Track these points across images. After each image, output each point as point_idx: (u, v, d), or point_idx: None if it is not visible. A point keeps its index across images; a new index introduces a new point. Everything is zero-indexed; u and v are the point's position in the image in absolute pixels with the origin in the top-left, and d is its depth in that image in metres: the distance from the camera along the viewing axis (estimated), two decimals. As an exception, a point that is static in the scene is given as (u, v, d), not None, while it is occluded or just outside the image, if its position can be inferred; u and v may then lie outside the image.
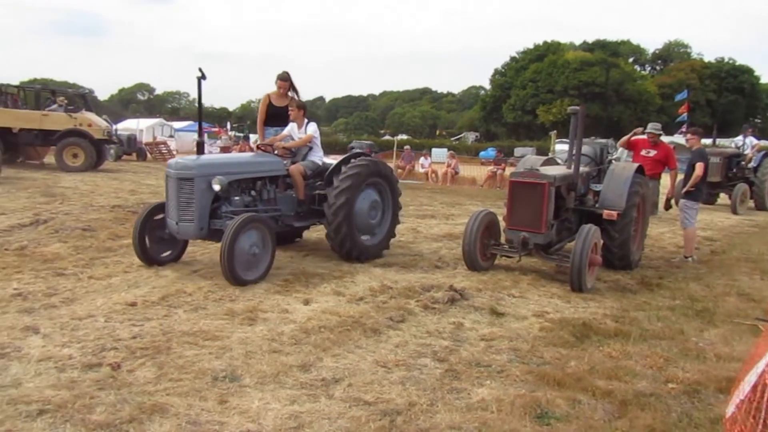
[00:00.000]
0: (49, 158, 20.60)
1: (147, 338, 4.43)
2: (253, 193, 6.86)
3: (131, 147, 27.22)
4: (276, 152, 7.23)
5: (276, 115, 7.98)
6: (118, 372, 3.82)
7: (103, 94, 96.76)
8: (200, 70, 6.81)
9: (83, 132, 18.69)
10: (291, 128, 7.54)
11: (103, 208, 10.81)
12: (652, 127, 9.35)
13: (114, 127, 22.19)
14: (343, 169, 7.19)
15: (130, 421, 3.19)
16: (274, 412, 3.37)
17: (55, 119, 18.59)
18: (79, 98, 20.67)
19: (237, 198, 6.62)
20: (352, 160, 7.35)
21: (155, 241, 6.71)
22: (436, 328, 5.00)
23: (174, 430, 3.13)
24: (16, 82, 21.30)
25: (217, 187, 6.22)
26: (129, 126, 38.21)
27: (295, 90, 8.13)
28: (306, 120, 7.51)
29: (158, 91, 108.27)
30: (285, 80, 8.01)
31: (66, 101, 19.63)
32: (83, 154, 18.66)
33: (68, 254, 7.07)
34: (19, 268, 6.32)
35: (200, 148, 7.23)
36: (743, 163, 16.27)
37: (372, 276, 6.70)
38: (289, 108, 7.57)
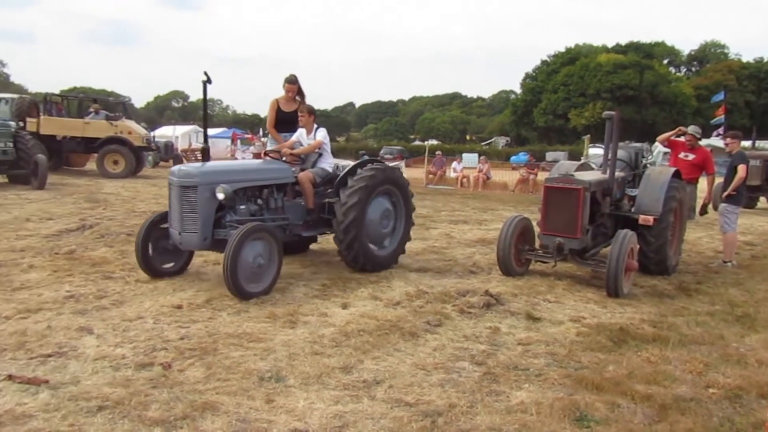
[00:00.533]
0: (90, 164, 21.26)
1: (194, 339, 4.61)
2: (259, 201, 6.58)
3: (168, 154, 27.85)
4: (284, 159, 6.95)
5: (285, 121, 7.72)
6: (169, 371, 3.99)
7: (139, 102, 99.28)
8: (205, 73, 6.70)
9: (124, 139, 19.26)
10: (300, 134, 7.30)
11: (144, 213, 11.13)
12: (693, 129, 9.22)
13: (152, 134, 22.77)
14: (350, 182, 6.82)
15: (183, 418, 3.34)
16: (319, 412, 3.49)
17: (97, 127, 19.20)
18: (119, 106, 21.31)
19: (242, 207, 6.35)
20: (359, 170, 6.95)
21: (159, 252, 6.46)
22: (472, 332, 5.07)
23: (225, 427, 3.28)
24: (56, 91, 22.07)
25: (221, 196, 5.97)
26: (165, 133, 39.07)
27: (302, 94, 7.85)
28: (316, 125, 7.25)
29: (192, 98, 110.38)
30: (293, 83, 7.70)
31: (100, 108, 20.27)
32: (123, 161, 19.21)
33: (115, 258, 7.34)
34: (69, 271, 6.60)
35: (205, 155, 7.10)
36: (786, 166, 15.90)
37: (408, 281, 6.80)
38: (299, 113, 7.31)
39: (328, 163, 7.28)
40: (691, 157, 9.10)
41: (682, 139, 9.27)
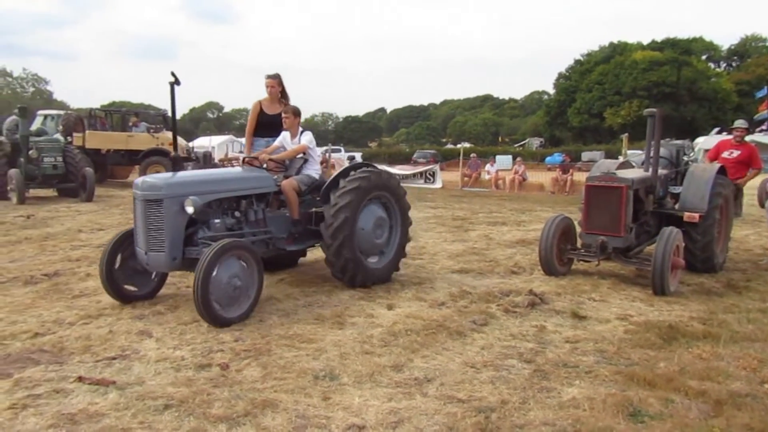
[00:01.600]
0: (133, 176, 21.92)
1: (248, 341, 4.76)
2: (237, 214, 5.95)
3: (207, 163, 28.44)
4: (265, 166, 6.36)
5: (268, 125, 7.10)
6: (227, 371, 4.14)
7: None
8: (173, 74, 6.42)
9: (165, 151, 19.81)
10: (283, 138, 6.71)
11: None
12: (740, 123, 9.03)
13: (191, 144, 23.36)
14: (342, 183, 6.29)
15: (245, 415, 3.48)
16: (374, 408, 3.59)
17: (140, 139, 19.82)
18: (159, 119, 21.93)
19: (217, 221, 5.72)
20: (351, 173, 6.43)
21: (128, 275, 5.81)
22: (519, 331, 5.10)
23: (286, 423, 3.40)
24: (97, 106, 22.86)
25: (190, 210, 5.35)
26: (202, 143, 39.99)
27: (286, 96, 7.30)
28: (301, 129, 6.66)
29: (227, 109, 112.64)
30: (275, 78, 7.13)
31: (139, 121, 20.90)
32: (164, 171, 19.75)
33: (165, 265, 7.57)
34: (124, 278, 6.84)
35: (176, 164, 6.72)
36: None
37: (450, 282, 6.86)
38: (283, 114, 6.66)
39: (315, 169, 6.69)
40: (735, 153, 8.90)
41: (728, 137, 9.11)
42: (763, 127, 31.36)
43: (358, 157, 42.77)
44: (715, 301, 6.21)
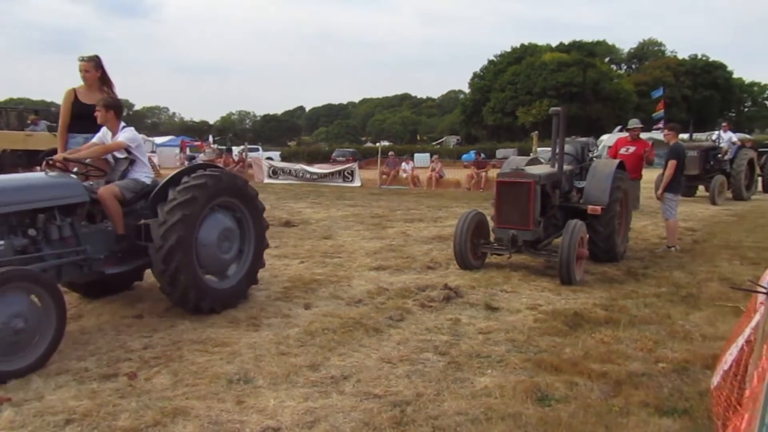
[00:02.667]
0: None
1: (158, 348, 4.58)
2: (32, 231, 4.67)
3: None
4: (75, 169, 5.25)
5: (86, 117, 5.82)
6: (135, 381, 3.97)
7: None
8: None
9: (69, 151, 18.69)
10: (103, 134, 5.60)
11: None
12: (633, 123, 9.59)
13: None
14: (171, 194, 5.15)
15: (155, 425, 3.34)
16: (290, 409, 3.55)
17: (39, 139, 18.58)
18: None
19: (1, 242, 4.43)
20: (185, 178, 5.28)
21: None
22: (434, 325, 5.20)
23: (198, 430, 3.30)
24: (-7, 103, 21.29)
25: None
26: (111, 144, 37.98)
27: (108, 83, 6.20)
28: (122, 124, 5.57)
29: (137, 107, 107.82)
30: (90, 61, 6.00)
31: (39, 119, 19.63)
32: (69, 174, 18.66)
33: (68, 272, 7.16)
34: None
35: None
36: (720, 155, 16.77)
37: (367, 279, 6.89)
38: (96, 106, 5.51)
39: (144, 173, 5.59)
40: (632, 149, 9.48)
41: (624, 135, 9.66)
42: (660, 126, 33.57)
43: (275, 156, 42.16)
44: (617, 288, 6.60)
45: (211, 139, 48.40)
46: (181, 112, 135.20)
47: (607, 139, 22.85)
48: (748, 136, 31.20)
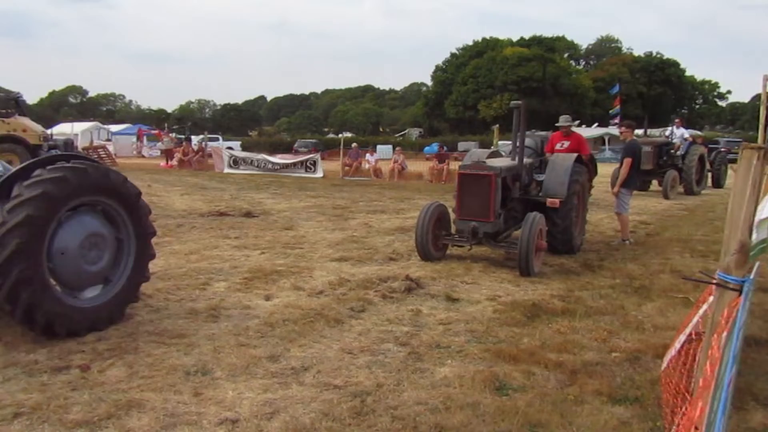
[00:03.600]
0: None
1: (112, 340, 4.46)
2: None
3: (68, 151, 26.31)
4: None
5: None
6: (88, 373, 3.86)
7: (31, 98, 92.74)
8: None
9: (18, 137, 17.98)
10: None
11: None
12: (564, 120, 9.49)
13: (50, 131, 21.42)
14: (17, 189, 4.29)
15: (108, 418, 3.26)
16: (249, 401, 3.51)
17: (-15, 125, 17.80)
18: (10, 102, 19.86)
19: None
20: (39, 171, 4.38)
21: None
22: (395, 316, 5.22)
23: (153, 422, 3.23)
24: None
25: None
26: (63, 130, 36.80)
27: None
28: None
29: (91, 94, 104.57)
30: None
31: None
32: (18, 161, 17.91)
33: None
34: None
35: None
36: (672, 151, 17.29)
37: (329, 270, 6.87)
38: None
39: None
40: (566, 144, 9.37)
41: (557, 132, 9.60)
42: (617, 121, 34.39)
43: (236, 146, 41.52)
44: (573, 279, 6.74)
45: (166, 126, 47.26)
46: (138, 100, 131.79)
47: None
48: (699, 132, 32.29)
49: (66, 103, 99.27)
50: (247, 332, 4.69)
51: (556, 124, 9.48)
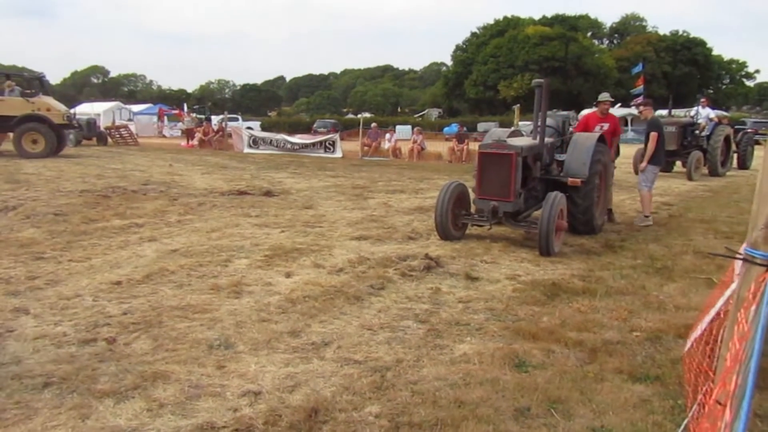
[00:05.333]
0: (7, 145, 20.05)
1: (137, 314, 4.56)
2: None
3: (91, 132, 26.67)
4: None
5: None
6: (114, 345, 3.95)
7: (54, 78, 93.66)
8: None
9: (42, 117, 18.25)
10: None
11: (71, 193, 10.71)
12: (604, 96, 9.32)
13: (72, 111, 21.68)
14: None
15: (134, 388, 3.34)
16: (271, 374, 3.57)
17: (12, 104, 18.09)
18: (35, 82, 20.11)
19: None
20: None
21: None
22: (415, 294, 5.24)
23: (178, 393, 3.30)
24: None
25: None
26: (84, 110, 37.22)
27: None
28: None
29: (113, 74, 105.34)
30: None
31: (15, 85, 19.10)
32: (43, 140, 18.24)
33: (44, 239, 7.06)
34: (-4, 253, 6.31)
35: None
36: (697, 132, 16.95)
37: (349, 249, 6.90)
38: None
39: None
40: (606, 126, 9.22)
41: (592, 109, 9.48)
42: (639, 101, 33.77)
43: (256, 126, 41.60)
44: (594, 259, 6.69)
45: (185, 107, 47.45)
46: (158, 80, 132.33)
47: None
48: (725, 113, 31.60)
49: (88, 83, 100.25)
50: (268, 308, 4.75)
51: (598, 100, 9.22)
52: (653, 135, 8.86)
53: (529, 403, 3.25)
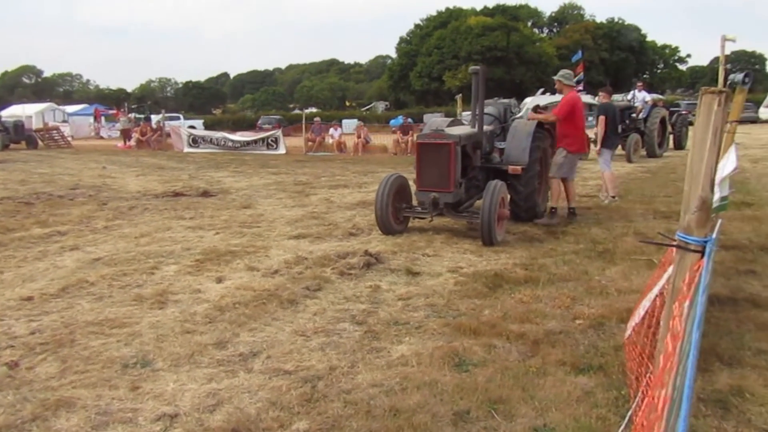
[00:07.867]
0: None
1: (47, 332, 4.15)
2: None
3: (19, 135, 25.40)
4: None
5: None
6: (15, 370, 3.56)
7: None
8: None
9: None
10: None
11: (-11, 202, 9.98)
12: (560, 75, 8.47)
13: (-3, 115, 20.49)
14: None
15: (33, 420, 2.98)
16: (190, 393, 3.26)
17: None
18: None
19: None
20: None
21: None
22: (353, 293, 5.00)
23: (83, 423, 2.96)
24: None
25: None
26: (13, 112, 35.41)
27: None
28: None
29: (47, 74, 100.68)
30: None
31: None
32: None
33: (-49, 254, 6.48)
34: None
35: None
36: (634, 115, 17.30)
37: (286, 249, 6.60)
38: None
39: None
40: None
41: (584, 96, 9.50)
42: (580, 88, 34.44)
43: (198, 124, 40.48)
44: (537, 246, 6.61)
45: (126, 106, 45.79)
46: (96, 79, 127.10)
47: (531, 102, 23.17)
48: (660, 96, 32.53)
49: (20, 84, 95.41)
50: (194, 318, 4.41)
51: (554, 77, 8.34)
52: (601, 119, 9.39)
53: (469, 406, 3.06)
